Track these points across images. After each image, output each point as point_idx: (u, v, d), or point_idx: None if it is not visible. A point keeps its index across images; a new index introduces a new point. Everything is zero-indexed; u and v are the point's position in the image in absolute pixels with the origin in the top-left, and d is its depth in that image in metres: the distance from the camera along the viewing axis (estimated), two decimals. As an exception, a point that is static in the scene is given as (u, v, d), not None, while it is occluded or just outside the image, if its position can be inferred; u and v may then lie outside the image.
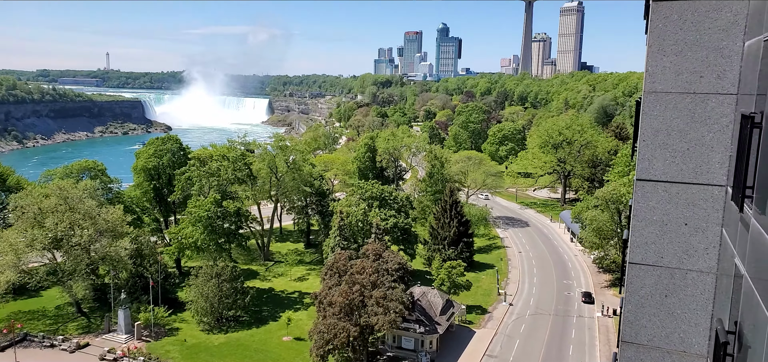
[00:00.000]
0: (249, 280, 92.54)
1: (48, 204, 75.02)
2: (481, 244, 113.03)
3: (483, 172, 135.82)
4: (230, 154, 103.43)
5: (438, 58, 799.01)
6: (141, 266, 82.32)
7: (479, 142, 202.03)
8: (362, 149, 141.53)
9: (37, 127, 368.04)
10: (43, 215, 73.97)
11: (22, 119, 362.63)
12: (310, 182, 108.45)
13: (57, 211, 74.21)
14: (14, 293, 77.94)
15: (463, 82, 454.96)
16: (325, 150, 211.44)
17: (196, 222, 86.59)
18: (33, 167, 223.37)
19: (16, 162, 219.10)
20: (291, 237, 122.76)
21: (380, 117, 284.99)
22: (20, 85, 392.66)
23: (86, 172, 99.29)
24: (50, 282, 79.95)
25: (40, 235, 72.61)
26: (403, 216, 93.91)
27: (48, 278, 78.30)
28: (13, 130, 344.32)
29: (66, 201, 75.96)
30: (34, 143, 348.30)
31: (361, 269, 64.21)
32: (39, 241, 72.71)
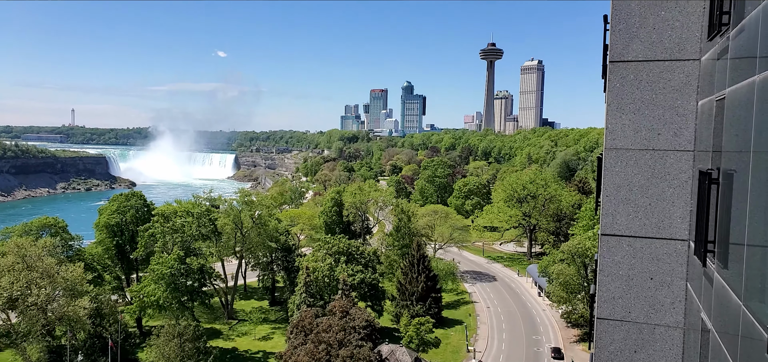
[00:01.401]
0: (212, 340, 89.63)
1: (4, 262, 71.92)
2: (450, 299, 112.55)
3: (449, 226, 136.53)
4: (195, 209, 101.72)
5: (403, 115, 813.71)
6: (100, 326, 79.03)
7: (445, 196, 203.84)
8: (329, 203, 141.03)
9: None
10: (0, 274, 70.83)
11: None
12: (276, 237, 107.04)
13: (14, 270, 71.13)
14: (-38, 357, 73.69)
15: (428, 138, 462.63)
16: (292, 205, 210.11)
17: (159, 279, 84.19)
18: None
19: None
20: (256, 295, 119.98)
21: (347, 171, 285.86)
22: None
23: (46, 229, 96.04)
24: (3, 345, 76.11)
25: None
26: (371, 271, 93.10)
27: (1, 340, 74.48)
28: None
29: (24, 259, 72.98)
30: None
31: (328, 327, 63.02)
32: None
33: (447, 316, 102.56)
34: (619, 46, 9.97)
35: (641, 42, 9.79)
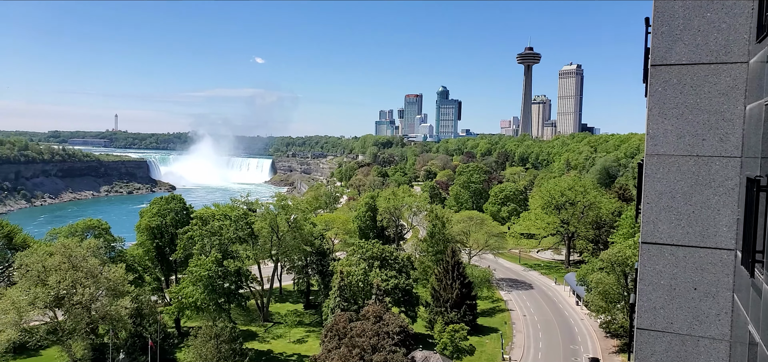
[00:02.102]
0: (248, 341, 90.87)
1: (52, 262, 74.55)
2: (485, 307, 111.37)
3: (485, 233, 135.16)
4: (232, 213, 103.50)
5: (438, 120, 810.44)
6: (140, 326, 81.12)
7: (481, 202, 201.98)
8: (363, 208, 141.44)
9: (45, 186, 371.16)
10: (47, 273, 73.39)
11: (32, 178, 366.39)
12: (311, 241, 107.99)
13: (60, 269, 73.71)
14: (14, 352, 76.61)
15: (463, 143, 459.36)
16: (326, 209, 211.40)
17: (197, 281, 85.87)
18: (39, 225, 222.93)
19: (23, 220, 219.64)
20: (291, 298, 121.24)
21: (381, 176, 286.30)
22: (32, 146, 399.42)
23: (90, 230, 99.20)
24: (50, 341, 78.65)
25: (42, 293, 71.79)
26: (405, 276, 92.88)
27: (48, 337, 77.00)
28: (22, 189, 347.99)
29: (70, 259, 75.51)
30: (41, 202, 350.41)
31: (362, 332, 63.13)
32: (41, 299, 71.81)
33: (482, 324, 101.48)
34: (661, 49, 9.70)
35: (685, 45, 9.49)
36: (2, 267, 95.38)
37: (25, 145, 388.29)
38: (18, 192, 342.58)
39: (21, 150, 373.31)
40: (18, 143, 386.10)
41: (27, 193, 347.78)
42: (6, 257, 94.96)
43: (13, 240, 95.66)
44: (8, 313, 70.61)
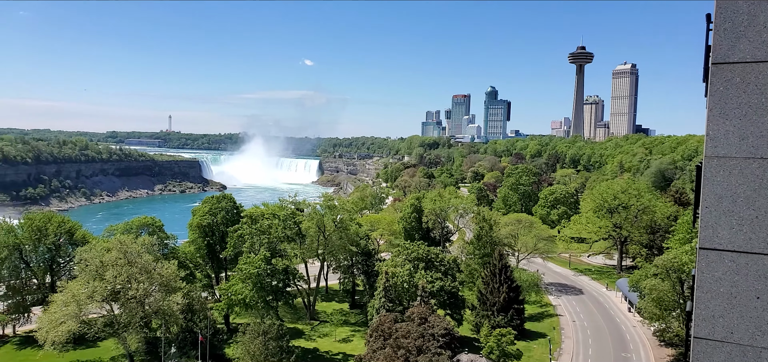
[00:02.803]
0: (294, 339, 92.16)
1: (109, 257, 77.69)
2: (533, 312, 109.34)
3: (534, 236, 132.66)
4: (281, 212, 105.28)
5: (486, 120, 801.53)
6: (191, 321, 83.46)
7: (530, 204, 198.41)
8: (408, 209, 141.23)
9: (103, 184, 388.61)
10: (104, 268, 76.52)
11: (91, 177, 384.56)
12: (357, 241, 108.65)
13: (117, 265, 76.73)
14: (74, 342, 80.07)
15: (512, 144, 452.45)
16: (372, 210, 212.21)
17: (246, 278, 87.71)
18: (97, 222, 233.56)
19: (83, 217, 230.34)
20: (336, 297, 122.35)
21: (427, 178, 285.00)
22: (91, 146, 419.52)
23: (145, 227, 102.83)
24: (107, 334, 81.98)
25: (99, 287, 74.95)
26: (450, 279, 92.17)
27: (105, 329, 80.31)
28: (82, 187, 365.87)
29: (125, 255, 78.51)
30: (100, 199, 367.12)
31: (407, 333, 63.03)
32: (99, 293, 75.02)
33: (529, 328, 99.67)
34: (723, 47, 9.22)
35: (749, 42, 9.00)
36: (64, 262, 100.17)
37: (85, 145, 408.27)
38: (79, 190, 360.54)
39: (82, 150, 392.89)
40: (79, 143, 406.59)
41: (87, 191, 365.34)
42: (67, 252, 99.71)
43: (74, 236, 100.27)
44: (69, 305, 74.16)
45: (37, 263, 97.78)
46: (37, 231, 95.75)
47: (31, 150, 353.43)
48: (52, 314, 74.83)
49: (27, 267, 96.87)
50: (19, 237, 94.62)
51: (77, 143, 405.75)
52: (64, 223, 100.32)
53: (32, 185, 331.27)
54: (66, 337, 72.98)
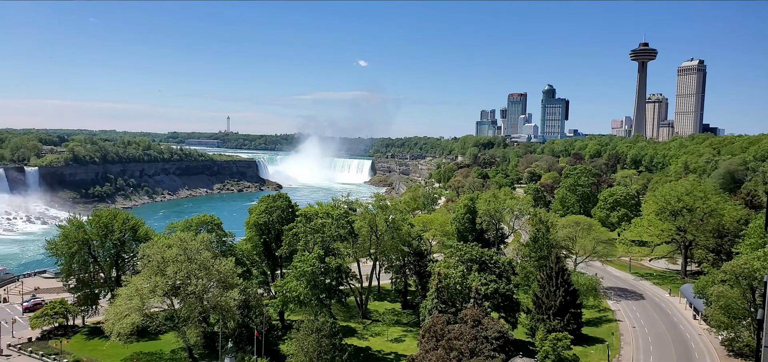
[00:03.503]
0: (347, 337, 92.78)
1: (170, 254, 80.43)
2: (590, 316, 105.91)
3: (592, 239, 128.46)
4: (334, 212, 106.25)
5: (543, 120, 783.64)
6: (247, 317, 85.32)
7: (588, 206, 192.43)
8: (462, 210, 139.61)
9: (165, 183, 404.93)
10: (165, 264, 79.33)
11: (154, 176, 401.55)
12: (409, 242, 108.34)
13: (177, 261, 79.38)
14: (137, 335, 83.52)
15: (570, 144, 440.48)
16: (424, 210, 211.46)
17: (301, 276, 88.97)
18: (159, 219, 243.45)
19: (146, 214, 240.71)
20: (389, 297, 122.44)
21: (481, 178, 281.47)
22: (154, 146, 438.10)
23: (204, 225, 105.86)
24: (167, 327, 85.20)
25: (161, 282, 77.77)
26: (505, 281, 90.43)
27: (166, 323, 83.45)
28: (145, 186, 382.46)
29: (185, 252, 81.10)
30: (161, 198, 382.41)
31: (459, 334, 62.26)
32: (160, 288, 77.85)
33: (587, 333, 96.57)
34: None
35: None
36: (128, 257, 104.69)
37: (148, 145, 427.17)
38: (142, 189, 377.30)
39: (145, 150, 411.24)
40: (142, 143, 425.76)
41: (149, 189, 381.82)
42: (132, 248, 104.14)
43: (137, 233, 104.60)
44: (133, 299, 77.37)
45: (103, 258, 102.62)
46: (104, 227, 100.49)
47: (99, 150, 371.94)
48: (117, 307, 78.35)
49: (95, 261, 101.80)
50: (88, 233, 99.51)
51: (141, 143, 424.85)
52: (128, 220, 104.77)
53: (99, 183, 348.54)
54: (130, 329, 76.23)
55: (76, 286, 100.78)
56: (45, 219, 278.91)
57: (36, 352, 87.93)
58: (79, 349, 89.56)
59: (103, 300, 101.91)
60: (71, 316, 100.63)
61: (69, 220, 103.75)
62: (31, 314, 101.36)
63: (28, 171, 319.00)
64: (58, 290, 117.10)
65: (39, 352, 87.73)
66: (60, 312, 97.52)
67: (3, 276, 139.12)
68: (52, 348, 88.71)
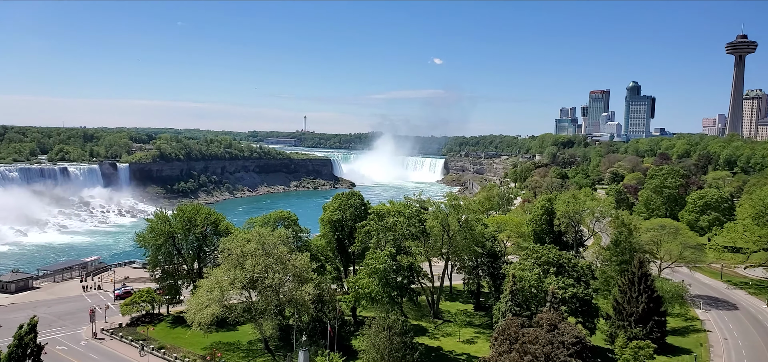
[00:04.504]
0: (418, 336, 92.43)
1: (248, 248, 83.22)
2: (676, 325, 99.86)
3: (679, 243, 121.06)
4: (406, 210, 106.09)
5: (627, 118, 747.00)
6: (321, 311, 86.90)
7: (675, 209, 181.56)
8: (539, 211, 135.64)
9: (244, 180, 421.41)
10: (244, 257, 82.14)
11: (234, 173, 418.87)
12: (482, 242, 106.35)
13: (255, 255, 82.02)
14: (217, 325, 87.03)
15: (656, 143, 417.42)
16: (499, 210, 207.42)
17: (372, 273, 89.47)
18: (238, 215, 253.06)
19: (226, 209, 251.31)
20: (461, 297, 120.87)
21: (560, 178, 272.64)
22: (235, 144, 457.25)
23: (281, 221, 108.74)
24: (245, 319, 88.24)
25: (240, 275, 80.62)
26: (583, 285, 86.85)
27: (243, 314, 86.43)
28: (226, 183, 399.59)
29: (263, 246, 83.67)
30: (241, 194, 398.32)
31: (534, 338, 60.24)
32: (239, 280, 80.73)
33: (672, 343, 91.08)
34: None
35: None
36: (210, 250, 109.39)
37: (229, 144, 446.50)
38: (223, 185, 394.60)
39: (226, 148, 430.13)
40: (224, 142, 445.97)
41: (230, 186, 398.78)
42: (213, 241, 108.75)
43: (218, 227, 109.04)
44: (213, 291, 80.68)
45: (187, 250, 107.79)
46: (187, 221, 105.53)
47: (183, 148, 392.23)
48: (198, 297, 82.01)
49: (179, 253, 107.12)
50: (173, 227, 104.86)
51: (222, 142, 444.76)
52: (210, 215, 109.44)
53: (184, 180, 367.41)
54: (210, 320, 79.62)
55: (162, 277, 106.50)
56: (134, 212, 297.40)
57: (126, 337, 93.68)
58: (164, 336, 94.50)
59: (186, 291, 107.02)
60: (157, 305, 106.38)
61: (156, 214, 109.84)
62: (121, 301, 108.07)
63: (119, 167, 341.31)
64: (146, 280, 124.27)
65: (128, 337, 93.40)
66: (147, 300, 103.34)
67: (97, 265, 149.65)
68: (139, 334, 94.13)
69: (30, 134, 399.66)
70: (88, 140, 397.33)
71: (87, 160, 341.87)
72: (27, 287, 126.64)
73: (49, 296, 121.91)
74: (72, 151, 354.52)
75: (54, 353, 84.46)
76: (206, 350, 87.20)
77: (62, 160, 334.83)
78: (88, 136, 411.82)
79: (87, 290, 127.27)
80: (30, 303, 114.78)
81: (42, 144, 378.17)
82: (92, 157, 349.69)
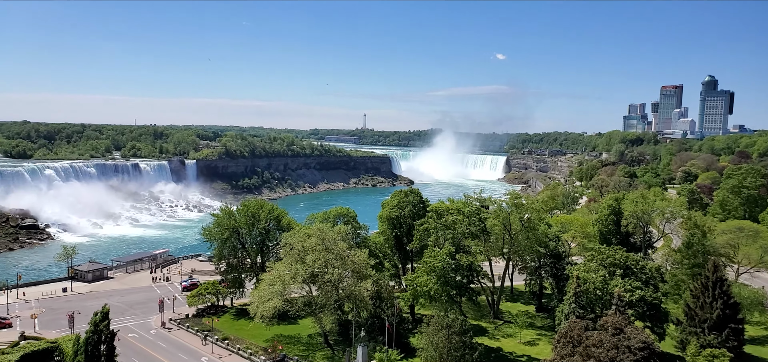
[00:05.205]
0: (477, 336, 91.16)
1: (309, 243, 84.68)
2: (755, 334, 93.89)
3: (759, 247, 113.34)
4: (466, 208, 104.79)
5: (702, 114, 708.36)
6: (379, 308, 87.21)
7: (755, 210, 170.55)
8: (605, 211, 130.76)
9: (306, 177, 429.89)
10: (305, 252, 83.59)
11: (296, 170, 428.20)
12: (545, 242, 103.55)
13: (316, 250, 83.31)
14: (278, 318, 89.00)
15: (734, 141, 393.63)
16: (563, 210, 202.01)
17: (431, 271, 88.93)
18: (299, 211, 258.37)
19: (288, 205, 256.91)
20: (522, 298, 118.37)
21: (628, 177, 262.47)
22: (296, 142, 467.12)
23: (341, 217, 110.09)
24: (305, 312, 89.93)
25: (301, 270, 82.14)
26: (652, 289, 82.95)
27: (304, 308, 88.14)
28: (288, 179, 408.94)
29: (323, 242, 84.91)
30: (302, 190, 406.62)
31: (598, 342, 58.02)
32: (300, 275, 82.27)
33: (750, 353, 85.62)
34: None
35: None
36: (272, 245, 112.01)
37: (291, 141, 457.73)
38: (285, 182, 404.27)
39: (288, 145, 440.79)
40: (286, 139, 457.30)
41: (292, 182, 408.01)
42: (275, 236, 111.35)
43: (280, 222, 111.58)
44: (275, 284, 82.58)
45: (250, 244, 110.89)
46: (251, 216, 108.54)
47: (248, 145, 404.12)
48: (261, 291, 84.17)
49: (242, 247, 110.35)
50: (237, 222, 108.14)
51: (285, 139, 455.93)
52: (273, 211, 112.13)
53: (248, 176, 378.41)
54: (272, 312, 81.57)
55: (226, 270, 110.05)
56: (201, 207, 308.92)
57: (192, 327, 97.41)
58: (228, 328, 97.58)
59: (249, 284, 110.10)
60: (221, 297, 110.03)
61: (221, 209, 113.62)
62: (188, 293, 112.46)
63: (187, 163, 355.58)
64: (211, 272, 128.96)
65: (194, 328, 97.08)
66: (212, 292, 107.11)
67: (166, 258, 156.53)
68: (205, 325, 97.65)
69: (105, 132, 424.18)
70: (158, 137, 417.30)
71: (157, 156, 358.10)
72: (102, 277, 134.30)
73: (122, 286, 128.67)
74: (143, 147, 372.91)
75: (126, 340, 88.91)
76: (268, 342, 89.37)
77: (134, 156, 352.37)
78: (158, 134, 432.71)
79: (156, 281, 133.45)
80: (105, 292, 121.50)
81: (116, 141, 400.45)
82: (162, 154, 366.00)
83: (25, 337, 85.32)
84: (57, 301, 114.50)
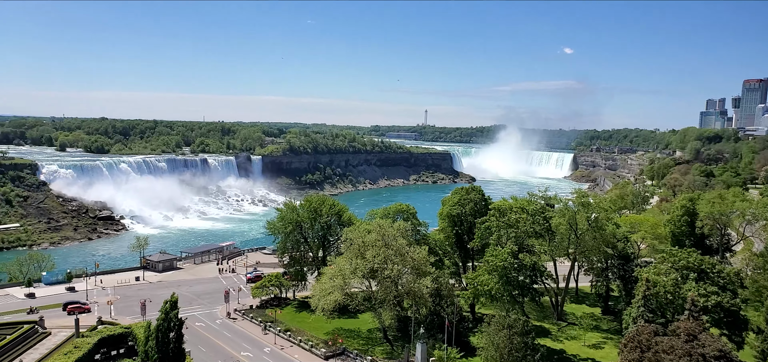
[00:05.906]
0: (540, 338, 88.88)
1: (369, 239, 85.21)
2: None
3: None
4: (529, 207, 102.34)
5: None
6: (439, 305, 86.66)
7: None
8: (678, 211, 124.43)
9: (366, 173, 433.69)
10: (365, 248, 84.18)
11: (357, 166, 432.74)
12: (613, 243, 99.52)
13: (375, 246, 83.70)
14: (338, 312, 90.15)
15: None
16: (633, 210, 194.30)
17: (492, 270, 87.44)
18: (360, 206, 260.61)
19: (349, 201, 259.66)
20: (587, 300, 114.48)
21: (704, 176, 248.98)
22: (357, 139, 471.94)
23: (400, 214, 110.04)
24: (365, 307, 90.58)
25: (361, 265, 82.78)
26: (729, 295, 78.11)
27: (364, 303, 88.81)
28: (349, 175, 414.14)
29: (383, 238, 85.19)
30: (363, 186, 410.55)
31: (670, 348, 55.15)
32: (360, 270, 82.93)
33: (842, 368, 79.02)
34: None
35: None
36: (333, 239, 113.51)
37: (352, 138, 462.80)
38: (346, 178, 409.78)
39: (350, 142, 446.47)
40: (348, 136, 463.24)
41: (353, 178, 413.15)
42: (336, 231, 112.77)
43: (341, 218, 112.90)
44: (336, 278, 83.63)
45: (312, 238, 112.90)
46: (313, 211, 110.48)
47: (311, 142, 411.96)
48: (322, 284, 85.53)
49: (305, 241, 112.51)
50: (300, 216, 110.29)
51: (346, 136, 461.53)
52: (334, 206, 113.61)
53: (311, 172, 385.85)
54: (333, 306, 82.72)
55: (289, 263, 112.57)
56: (266, 201, 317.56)
57: (256, 318, 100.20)
58: (290, 320, 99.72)
59: (311, 277, 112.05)
60: (284, 289, 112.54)
61: (285, 204, 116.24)
62: (253, 285, 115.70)
63: (253, 159, 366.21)
64: (275, 265, 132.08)
65: (258, 319, 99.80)
66: (275, 284, 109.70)
67: (232, 250, 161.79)
68: (268, 316, 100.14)
69: (176, 128, 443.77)
70: (226, 134, 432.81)
71: (224, 152, 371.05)
72: (172, 267, 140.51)
73: (190, 276, 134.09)
74: (211, 143, 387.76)
75: (194, 329, 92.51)
76: (328, 335, 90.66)
77: (203, 151, 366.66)
78: (225, 130, 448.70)
79: (222, 272, 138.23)
80: (174, 282, 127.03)
81: (186, 137, 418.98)
82: (229, 150, 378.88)
83: (102, 322, 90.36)
84: (130, 289, 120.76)
